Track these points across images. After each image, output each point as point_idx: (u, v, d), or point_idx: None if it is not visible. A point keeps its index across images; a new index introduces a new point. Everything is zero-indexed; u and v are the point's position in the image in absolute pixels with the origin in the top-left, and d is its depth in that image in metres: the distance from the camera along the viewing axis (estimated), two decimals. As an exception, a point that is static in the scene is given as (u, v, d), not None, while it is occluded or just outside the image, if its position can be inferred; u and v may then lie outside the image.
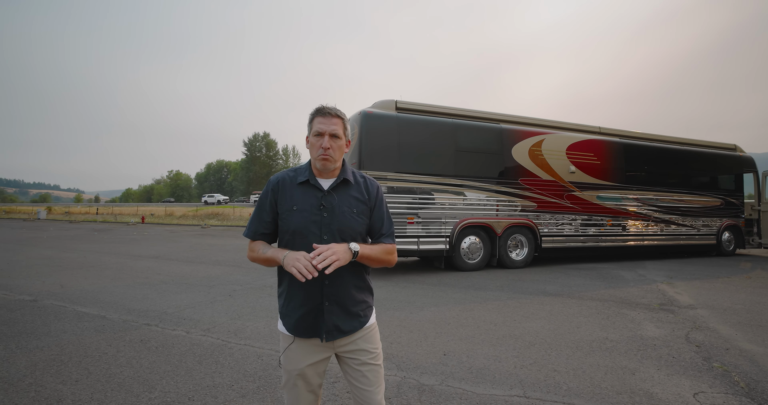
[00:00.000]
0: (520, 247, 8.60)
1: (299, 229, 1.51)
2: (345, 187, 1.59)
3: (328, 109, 1.53)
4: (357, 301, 1.58)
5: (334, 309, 1.53)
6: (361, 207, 1.59)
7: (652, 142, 10.39)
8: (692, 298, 5.74)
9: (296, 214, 1.53)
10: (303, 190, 1.56)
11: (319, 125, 1.53)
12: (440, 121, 7.96)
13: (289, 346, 1.55)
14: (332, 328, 1.52)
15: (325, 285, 1.51)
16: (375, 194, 1.65)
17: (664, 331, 4.18)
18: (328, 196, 1.55)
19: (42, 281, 6.63)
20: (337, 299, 1.53)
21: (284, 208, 1.55)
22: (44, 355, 3.38)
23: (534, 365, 3.25)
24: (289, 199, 1.55)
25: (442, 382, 2.91)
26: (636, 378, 2.99)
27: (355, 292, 1.58)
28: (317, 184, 1.56)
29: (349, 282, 1.56)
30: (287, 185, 1.58)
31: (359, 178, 1.65)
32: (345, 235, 1.53)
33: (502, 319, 4.59)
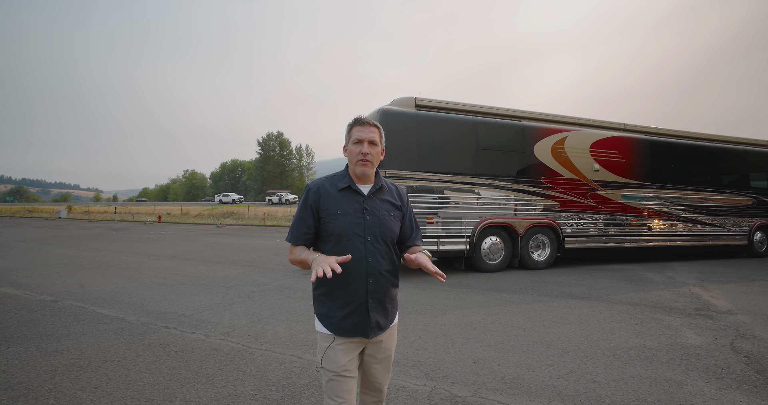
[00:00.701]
0: (542, 248, 8.35)
1: (344, 232, 1.59)
2: (382, 192, 1.71)
3: (365, 119, 1.65)
4: (392, 298, 1.70)
5: (377, 306, 1.62)
6: (396, 212, 1.72)
7: (679, 138, 9.99)
8: (730, 302, 5.44)
9: (341, 217, 1.60)
10: (345, 195, 1.64)
11: (358, 133, 1.63)
12: (460, 119, 7.76)
13: (330, 345, 1.60)
14: (375, 325, 1.61)
15: (369, 283, 1.60)
16: (406, 201, 1.80)
17: (706, 338, 3.93)
18: (369, 201, 1.66)
19: (62, 281, 6.65)
20: (379, 297, 1.63)
21: (328, 213, 1.62)
22: (64, 358, 3.31)
23: (571, 375, 3.06)
24: (333, 204, 1.63)
25: (475, 393, 2.75)
26: (684, 392, 2.78)
27: (392, 290, 1.69)
28: (358, 190, 1.66)
29: (389, 280, 1.67)
30: (329, 191, 1.65)
31: (390, 185, 1.78)
32: (386, 237, 1.65)
33: (531, 323, 4.40)
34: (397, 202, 1.74)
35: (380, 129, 1.69)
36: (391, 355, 1.74)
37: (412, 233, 1.79)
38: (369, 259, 1.59)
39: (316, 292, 1.68)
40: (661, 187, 9.42)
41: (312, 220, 1.65)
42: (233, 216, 31.86)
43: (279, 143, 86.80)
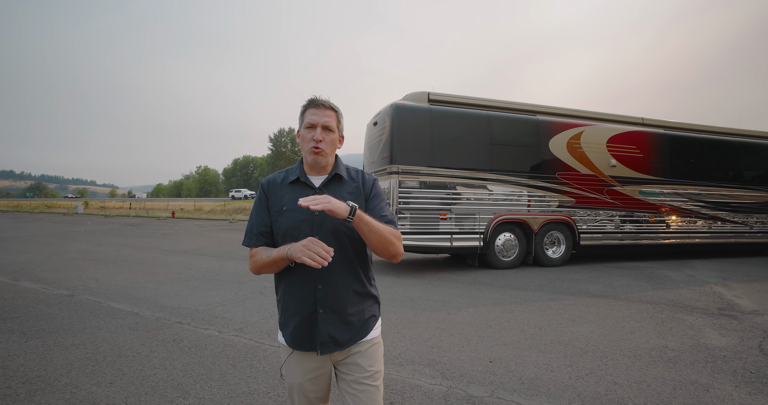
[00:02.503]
0: (557, 245, 8.21)
1: (289, 230, 1.40)
2: (338, 183, 1.48)
3: (321, 101, 1.44)
4: (357, 308, 1.43)
5: (329, 317, 1.39)
6: (358, 202, 1.45)
7: (699, 133, 9.70)
8: (755, 302, 5.26)
9: (286, 214, 1.42)
10: (293, 190, 1.46)
11: (311, 117, 1.43)
12: (474, 114, 7.64)
13: (287, 358, 1.44)
14: (327, 339, 1.38)
15: (318, 289, 1.38)
16: (371, 186, 1.51)
17: (732, 340, 3.79)
18: (320, 193, 1.41)
19: (78, 275, 6.75)
20: (333, 305, 1.39)
21: (275, 210, 1.45)
22: (80, 353, 3.33)
23: (591, 376, 2.97)
24: (278, 200, 1.45)
25: (492, 394, 2.68)
26: (711, 396, 2.67)
27: (354, 298, 1.43)
28: (308, 182, 1.46)
29: (346, 285, 1.42)
30: (277, 186, 1.48)
31: (354, 173, 1.54)
32: (340, 233, 1.40)
33: (547, 322, 4.30)
34: (359, 190, 1.49)
35: (338, 112, 1.47)
36: (368, 380, 1.41)
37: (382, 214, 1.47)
38: None
39: (276, 298, 1.50)
40: (681, 183, 9.17)
41: (269, 218, 1.46)
42: (245, 211, 32.13)
43: (291, 139, 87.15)
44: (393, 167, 6.95)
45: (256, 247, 1.45)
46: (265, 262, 1.37)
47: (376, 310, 1.51)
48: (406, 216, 6.92)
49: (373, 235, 1.35)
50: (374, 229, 1.34)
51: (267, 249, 1.41)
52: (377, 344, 1.48)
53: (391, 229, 1.41)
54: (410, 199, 6.98)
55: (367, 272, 1.50)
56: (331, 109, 1.44)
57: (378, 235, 1.35)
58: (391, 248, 1.40)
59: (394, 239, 1.40)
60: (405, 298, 5.32)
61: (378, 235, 1.35)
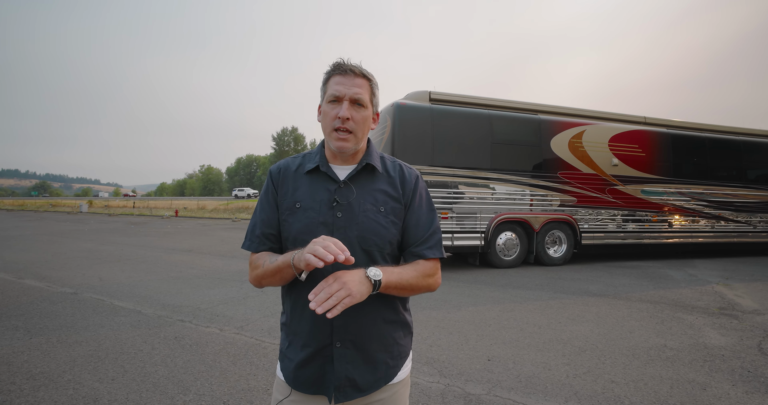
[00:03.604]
0: (558, 244, 8.21)
1: (301, 235, 1.08)
2: (370, 176, 1.16)
3: (349, 66, 1.10)
4: (386, 342, 1.11)
5: (349, 354, 1.07)
6: (392, 204, 1.14)
7: (702, 132, 9.66)
8: (756, 302, 5.25)
9: (299, 214, 1.11)
10: (311, 182, 1.14)
11: (335, 87, 1.09)
12: (475, 113, 7.64)
13: (282, 400, 1.11)
14: (344, 382, 1.06)
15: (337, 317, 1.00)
16: (413, 186, 1.18)
17: (731, 339, 3.80)
18: (345, 189, 1.12)
19: (82, 274, 6.81)
20: (355, 338, 1.07)
21: (285, 207, 1.14)
22: (82, 350, 3.38)
23: (588, 375, 2.98)
24: (290, 194, 1.14)
25: (489, 392, 2.70)
26: (708, 395, 2.68)
27: (384, 329, 1.11)
28: (330, 173, 1.14)
29: (374, 312, 1.09)
30: (290, 175, 1.17)
31: (390, 165, 1.21)
32: (369, 244, 1.08)
33: (546, 321, 4.32)
34: (397, 190, 1.16)
35: (372, 82, 1.13)
36: None
37: (418, 235, 1.15)
38: None
39: (281, 318, 1.20)
40: (683, 182, 9.14)
41: (275, 215, 1.16)
42: (248, 210, 32.23)
43: (294, 138, 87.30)
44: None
45: (258, 252, 1.14)
46: (267, 271, 1.06)
47: (409, 342, 1.19)
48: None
49: (403, 292, 1.08)
50: (404, 285, 1.06)
51: (271, 255, 1.11)
52: (406, 387, 1.18)
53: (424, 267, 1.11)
54: (411, 198, 6.98)
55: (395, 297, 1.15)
56: (363, 77, 1.11)
57: (409, 290, 1.08)
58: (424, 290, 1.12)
59: (427, 280, 1.11)
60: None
61: (409, 289, 1.08)
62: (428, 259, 1.14)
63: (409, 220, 1.16)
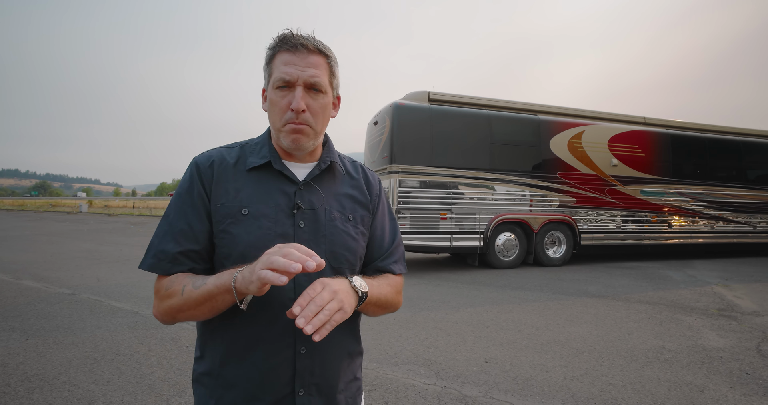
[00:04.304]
0: (558, 244, 8.20)
1: (252, 251, 0.80)
2: (332, 177, 0.96)
3: (301, 39, 0.85)
4: (347, 379, 0.93)
5: (314, 401, 0.86)
6: (361, 212, 0.97)
7: (702, 132, 9.65)
8: (755, 303, 5.24)
9: (247, 222, 0.85)
10: (259, 182, 0.89)
11: (285, 68, 0.84)
12: (475, 113, 7.63)
13: None
14: None
15: (300, 354, 0.83)
16: (378, 192, 1.03)
17: (730, 341, 3.78)
18: (307, 192, 0.90)
19: (80, 274, 6.80)
20: (320, 382, 0.86)
21: (224, 213, 0.85)
22: (79, 351, 3.37)
23: (585, 377, 2.97)
24: (231, 196, 0.87)
25: (485, 394, 2.69)
26: (706, 397, 2.67)
27: (348, 364, 0.93)
28: (287, 172, 0.90)
29: (340, 344, 0.90)
30: (228, 171, 0.89)
31: (350, 165, 1.03)
32: (340, 261, 0.89)
33: (545, 322, 4.30)
34: (364, 194, 0.99)
35: (331, 58, 0.90)
36: None
37: (388, 249, 1.00)
38: None
39: (198, 368, 0.89)
40: (683, 183, 9.14)
41: (201, 223, 0.86)
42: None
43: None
44: (393, 167, 6.96)
45: (170, 275, 0.83)
46: (190, 300, 0.77)
47: (361, 372, 1.00)
48: (406, 216, 6.94)
49: (377, 311, 0.92)
50: (382, 301, 0.91)
51: (194, 276, 0.82)
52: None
53: (395, 281, 0.98)
54: (410, 199, 6.99)
55: (359, 321, 0.99)
56: (318, 53, 0.87)
57: (382, 308, 0.93)
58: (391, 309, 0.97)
59: (397, 297, 0.98)
60: (404, 297, 5.33)
61: (383, 307, 0.92)
62: (396, 274, 1.00)
63: (374, 230, 1.00)
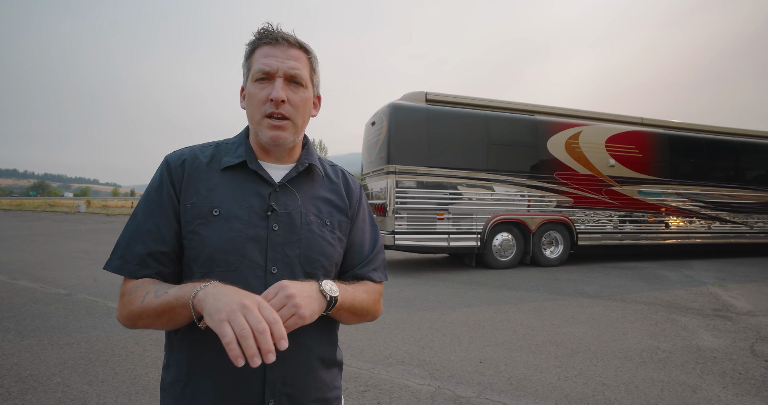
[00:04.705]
0: (555, 245, 8.21)
1: (221, 253, 0.80)
2: (310, 180, 0.94)
3: (282, 33, 0.86)
4: (324, 388, 0.89)
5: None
6: (338, 217, 0.94)
7: (699, 132, 9.67)
8: (751, 303, 5.25)
9: (218, 224, 0.82)
10: (232, 181, 0.87)
11: (264, 59, 0.84)
12: (472, 113, 7.64)
13: None
14: None
15: (270, 365, 0.78)
16: (359, 196, 1.01)
17: (724, 341, 3.79)
18: (283, 194, 0.88)
19: (77, 275, 6.79)
20: (292, 391, 0.83)
21: (194, 213, 0.83)
22: (73, 352, 3.36)
23: (579, 377, 2.98)
24: (203, 197, 0.84)
25: (479, 394, 2.69)
26: (699, 397, 2.68)
27: (320, 372, 0.89)
28: (262, 172, 0.88)
29: (313, 352, 0.87)
30: (201, 170, 0.87)
31: (330, 168, 1.01)
32: (314, 266, 0.87)
33: (540, 322, 4.31)
34: (343, 199, 0.97)
35: (311, 54, 0.90)
36: None
37: (367, 256, 0.98)
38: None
39: (165, 376, 0.86)
40: (680, 183, 9.15)
41: (169, 224, 0.83)
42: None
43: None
44: (390, 167, 6.96)
45: (137, 279, 0.80)
46: (148, 309, 0.75)
47: (340, 382, 0.97)
48: (403, 216, 6.94)
49: (351, 318, 0.89)
50: (357, 308, 0.87)
51: (158, 283, 0.79)
52: None
53: (373, 289, 0.95)
54: (407, 199, 6.99)
55: (336, 327, 0.95)
56: (299, 48, 0.87)
57: (357, 315, 0.89)
58: (368, 318, 0.94)
59: (375, 306, 0.94)
60: (400, 297, 5.34)
61: (358, 313, 0.89)
62: (375, 282, 0.97)
63: (354, 236, 0.97)
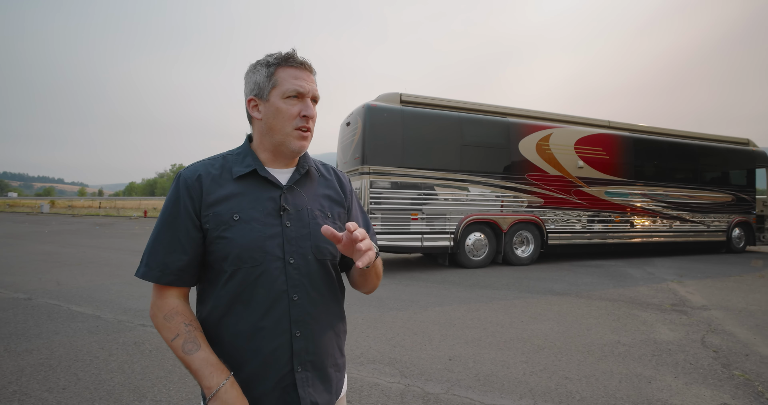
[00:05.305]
0: (526, 244, 8.43)
1: (247, 252, 0.94)
2: (310, 181, 1.08)
3: (304, 60, 1.00)
4: (335, 355, 1.06)
5: (310, 377, 0.98)
6: (337, 210, 1.10)
7: (662, 136, 10.14)
8: (705, 298, 5.56)
9: (240, 227, 0.95)
10: (245, 188, 0.99)
11: (296, 81, 0.97)
12: (446, 115, 7.76)
13: None
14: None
15: (296, 338, 0.96)
16: (350, 190, 1.17)
17: (679, 334, 4.01)
18: (291, 195, 1.02)
19: (38, 278, 6.52)
20: (316, 359, 0.99)
21: (217, 221, 0.95)
22: (33, 358, 3.25)
23: (544, 372, 3.09)
24: (225, 204, 0.96)
25: (447, 391, 2.76)
26: (653, 387, 2.83)
27: (335, 341, 1.06)
28: (271, 177, 1.01)
29: (329, 326, 1.04)
30: (214, 182, 0.98)
31: (322, 167, 1.16)
32: (324, 254, 1.02)
33: (509, 320, 4.43)
34: (338, 193, 1.12)
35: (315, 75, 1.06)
36: None
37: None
38: (294, 297, 0.96)
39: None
40: (645, 184, 9.56)
41: (190, 236, 0.95)
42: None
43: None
44: (365, 168, 6.99)
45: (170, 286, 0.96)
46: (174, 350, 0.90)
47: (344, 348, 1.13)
48: (377, 216, 6.98)
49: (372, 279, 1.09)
50: (379, 270, 1.09)
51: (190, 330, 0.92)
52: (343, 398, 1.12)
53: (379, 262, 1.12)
54: (381, 200, 7.04)
55: (343, 302, 1.14)
56: (313, 73, 1.02)
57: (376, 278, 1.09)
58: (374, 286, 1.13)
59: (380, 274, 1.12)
60: (373, 297, 5.38)
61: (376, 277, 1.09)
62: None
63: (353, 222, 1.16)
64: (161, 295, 0.96)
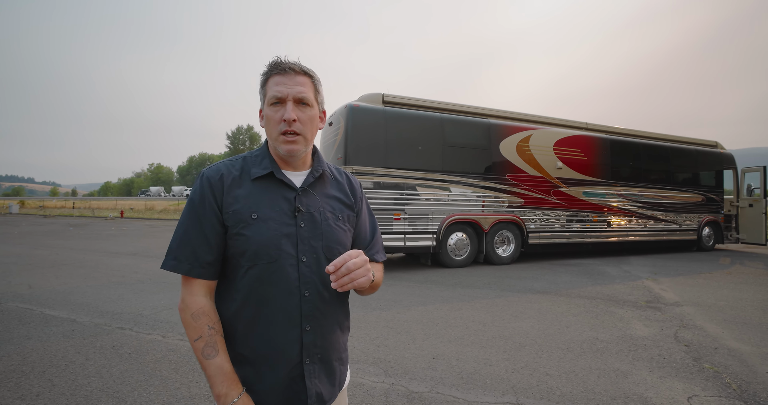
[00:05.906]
0: (507, 244, 8.56)
1: (263, 249, 1.00)
2: (323, 183, 1.14)
3: (289, 64, 1.04)
4: (340, 349, 1.13)
5: (319, 369, 1.06)
6: (346, 212, 1.16)
7: (637, 138, 10.46)
8: (677, 294, 5.76)
9: (258, 225, 1.01)
10: (263, 189, 1.06)
11: (277, 87, 1.02)
12: (428, 116, 7.82)
13: None
14: (315, 399, 1.04)
15: (306, 332, 1.03)
16: (360, 194, 1.23)
17: (653, 330, 4.15)
18: (305, 197, 1.08)
19: (8, 282, 6.28)
20: (323, 353, 1.07)
21: (237, 219, 1.02)
22: (3, 365, 3.13)
23: (525, 369, 3.16)
24: (244, 203, 1.03)
25: (431, 389, 2.79)
26: (629, 381, 2.93)
27: (339, 336, 1.13)
28: (287, 180, 1.08)
29: (334, 321, 1.11)
30: (234, 182, 1.05)
31: (336, 171, 1.23)
32: (334, 254, 1.07)
33: (491, 318, 4.51)
34: (348, 197, 1.18)
35: (314, 79, 1.09)
36: None
37: (369, 241, 1.22)
38: (305, 293, 1.03)
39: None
40: (621, 185, 9.84)
41: (216, 231, 1.02)
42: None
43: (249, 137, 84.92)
44: (347, 168, 6.98)
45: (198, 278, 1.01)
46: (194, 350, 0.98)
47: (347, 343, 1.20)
48: (361, 216, 6.98)
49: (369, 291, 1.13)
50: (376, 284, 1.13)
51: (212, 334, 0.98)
52: (345, 392, 1.19)
53: (382, 269, 1.20)
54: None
55: (348, 297, 1.19)
56: (304, 74, 1.05)
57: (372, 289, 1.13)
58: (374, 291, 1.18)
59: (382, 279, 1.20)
60: (356, 297, 5.38)
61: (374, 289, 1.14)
62: (378, 262, 1.22)
63: (360, 227, 1.21)
64: (191, 291, 1.01)
